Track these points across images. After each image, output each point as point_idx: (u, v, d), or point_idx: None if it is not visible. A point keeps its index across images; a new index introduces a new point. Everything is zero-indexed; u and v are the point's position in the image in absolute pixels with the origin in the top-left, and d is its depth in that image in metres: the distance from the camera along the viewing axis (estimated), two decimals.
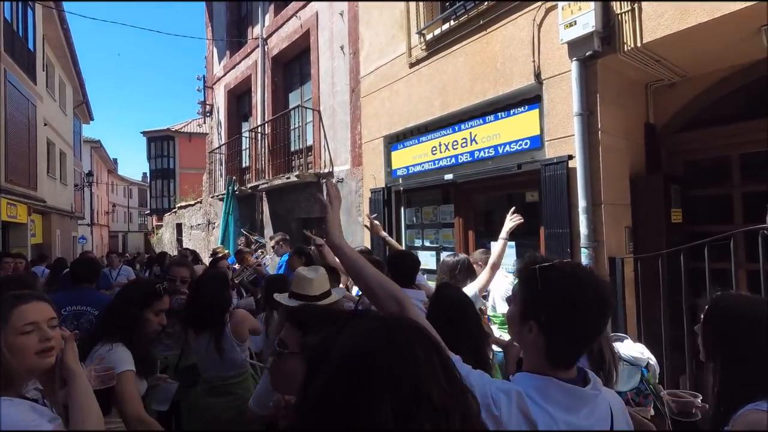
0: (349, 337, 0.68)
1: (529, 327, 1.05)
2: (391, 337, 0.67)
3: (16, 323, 1.26)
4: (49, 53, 14.03)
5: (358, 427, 0.60)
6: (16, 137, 10.46)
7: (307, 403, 0.66)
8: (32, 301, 1.30)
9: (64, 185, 16.31)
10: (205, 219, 12.80)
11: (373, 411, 0.61)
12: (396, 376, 0.63)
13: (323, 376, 0.65)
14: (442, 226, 5.39)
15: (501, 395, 0.97)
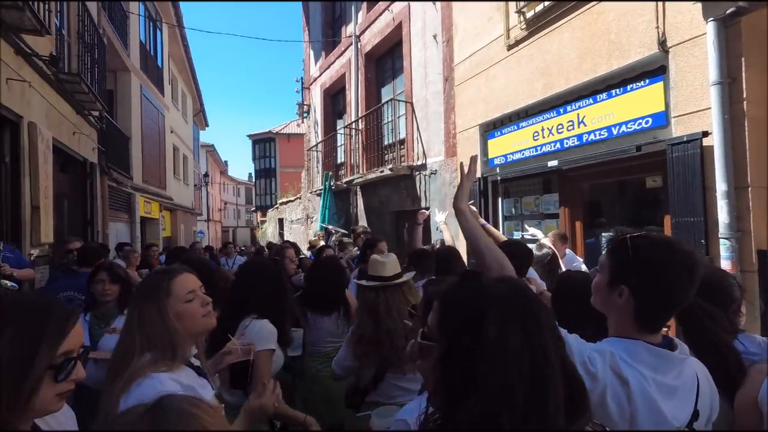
0: (503, 290, 0.76)
1: (620, 291, 1.10)
2: (531, 293, 0.78)
3: (179, 293, 1.35)
4: (173, 68, 15.99)
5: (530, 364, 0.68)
6: (149, 143, 12.11)
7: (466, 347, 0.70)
8: (183, 273, 1.42)
9: (186, 185, 18.52)
10: (303, 214, 13.61)
11: (542, 349, 0.70)
12: (548, 319, 0.74)
13: (496, 327, 0.69)
14: (545, 217, 5.06)
15: (596, 354, 1.02)
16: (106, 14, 8.54)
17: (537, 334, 0.70)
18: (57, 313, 0.88)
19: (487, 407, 0.66)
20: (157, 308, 1.31)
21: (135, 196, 10.85)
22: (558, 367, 0.70)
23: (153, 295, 1.33)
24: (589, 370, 0.99)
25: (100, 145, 7.88)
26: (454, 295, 0.78)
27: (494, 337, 0.68)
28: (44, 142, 5.01)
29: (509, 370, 0.67)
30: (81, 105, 6.61)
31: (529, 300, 0.75)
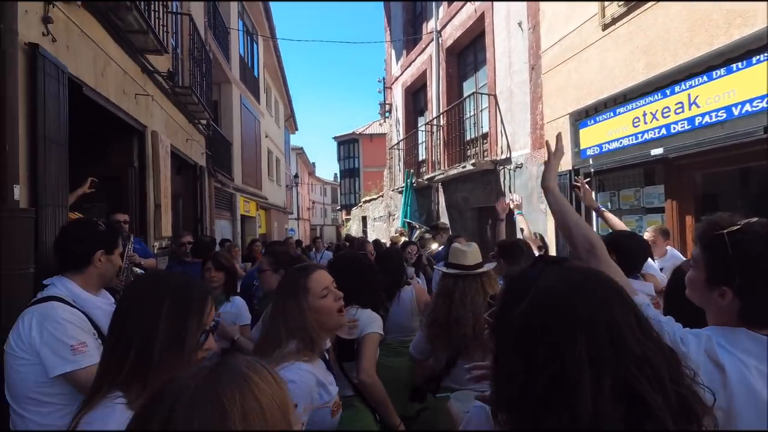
0: (549, 280, 0.72)
1: (721, 292, 1.02)
2: (592, 290, 0.70)
3: (316, 290, 1.44)
4: (267, 77, 17.28)
5: (552, 359, 0.65)
6: (247, 148, 13.24)
7: (504, 328, 0.73)
8: (317, 270, 1.52)
9: (278, 186, 19.91)
10: (386, 211, 13.88)
11: (568, 349, 0.64)
12: (591, 321, 0.66)
13: (525, 308, 0.70)
14: (647, 211, 4.59)
15: (690, 336, 0.97)
16: (211, 32, 9.51)
17: (561, 336, 0.66)
18: (198, 291, 1.03)
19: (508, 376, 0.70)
20: (297, 304, 1.40)
21: (236, 196, 11.93)
22: (587, 378, 0.63)
23: (293, 291, 1.43)
24: (680, 350, 0.95)
25: (208, 150, 8.80)
26: (515, 278, 0.80)
27: (519, 320, 0.70)
28: (164, 148, 5.72)
29: (522, 352, 0.68)
30: (192, 115, 7.44)
31: (569, 302, 0.69)
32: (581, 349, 0.64)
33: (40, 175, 2.83)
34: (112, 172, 5.06)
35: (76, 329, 1.51)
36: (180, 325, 0.95)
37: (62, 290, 1.62)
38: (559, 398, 0.63)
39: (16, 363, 1.49)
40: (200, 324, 0.97)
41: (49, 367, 1.45)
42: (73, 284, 1.65)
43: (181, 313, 0.96)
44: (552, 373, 0.64)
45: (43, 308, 1.54)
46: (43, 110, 2.93)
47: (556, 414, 0.63)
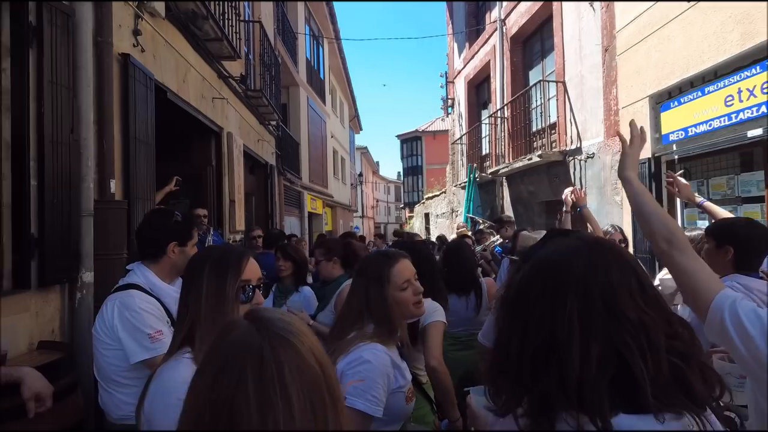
0: (550, 248, 0.75)
1: None
2: (588, 254, 0.71)
3: (396, 281, 1.46)
4: (332, 79, 17.82)
5: (544, 323, 0.66)
6: (314, 147, 13.76)
7: (507, 295, 0.75)
8: (401, 260, 1.53)
9: (344, 184, 20.47)
10: (448, 207, 13.71)
11: (559, 312, 0.65)
12: (586, 286, 0.66)
13: (522, 274, 0.73)
14: (743, 201, 4.09)
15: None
16: (280, 38, 10.00)
17: (552, 297, 0.68)
18: (235, 252, 1.18)
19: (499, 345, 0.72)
20: (381, 290, 1.43)
21: (303, 194, 12.46)
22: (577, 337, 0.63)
23: (378, 278, 1.46)
24: None
25: (277, 150, 9.28)
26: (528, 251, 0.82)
27: (515, 287, 0.73)
28: (238, 148, 6.13)
29: (517, 316, 0.70)
30: (263, 116, 7.89)
31: (564, 266, 0.70)
32: (572, 311, 0.64)
33: (131, 171, 3.17)
34: (193, 171, 5.53)
35: (152, 318, 1.61)
36: (220, 281, 1.08)
37: (140, 278, 1.72)
38: (550, 361, 0.64)
39: (101, 346, 1.63)
40: (237, 277, 1.10)
41: (130, 354, 1.56)
42: (149, 272, 1.74)
43: (219, 270, 1.09)
44: (544, 336, 0.65)
45: (123, 296, 1.64)
46: (134, 113, 3.27)
47: (545, 377, 0.63)
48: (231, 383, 0.55)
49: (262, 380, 0.55)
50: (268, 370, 0.55)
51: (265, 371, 0.55)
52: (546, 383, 0.63)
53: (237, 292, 1.08)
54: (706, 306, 0.98)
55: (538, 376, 0.64)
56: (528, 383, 0.65)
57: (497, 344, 0.73)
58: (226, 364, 0.57)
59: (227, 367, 0.56)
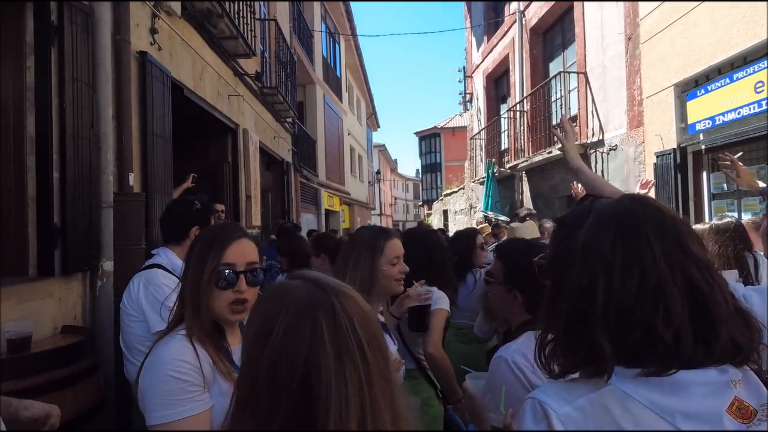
0: (605, 204, 0.70)
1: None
2: (645, 199, 0.70)
3: (389, 255, 1.53)
4: (349, 77, 17.85)
5: (631, 270, 0.62)
6: (331, 145, 13.81)
7: (564, 257, 0.69)
8: (394, 237, 1.60)
9: (361, 182, 20.50)
10: (467, 204, 13.57)
11: (646, 256, 0.62)
12: (661, 228, 0.64)
13: (588, 228, 0.67)
14: None
15: (753, 293, 0.94)
16: (296, 36, 10.06)
17: (633, 240, 0.64)
18: (225, 233, 1.10)
19: (571, 305, 0.65)
20: (371, 261, 1.50)
21: (320, 191, 12.53)
22: (669, 277, 0.60)
23: (372, 247, 1.53)
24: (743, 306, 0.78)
25: (294, 147, 9.35)
26: (565, 215, 0.79)
27: (582, 241, 0.66)
28: (254, 144, 6.19)
29: (592, 269, 0.63)
30: (279, 114, 7.95)
31: (634, 209, 0.68)
32: (658, 253, 0.62)
33: (149, 165, 3.23)
34: (210, 167, 5.61)
35: (173, 293, 1.72)
36: (200, 262, 1.05)
37: (164, 259, 1.89)
38: (647, 301, 0.60)
39: (128, 319, 1.79)
40: (216, 260, 1.04)
41: (152, 324, 1.71)
42: (172, 254, 1.91)
43: (203, 251, 1.06)
44: (634, 282, 0.61)
45: (148, 273, 1.83)
46: (151, 109, 3.33)
47: (641, 321, 0.59)
48: (306, 333, 0.57)
49: (336, 329, 0.57)
50: (341, 319, 0.58)
51: (339, 321, 0.58)
52: (643, 327, 0.59)
53: (211, 276, 1.03)
54: None
55: (632, 321, 0.60)
56: (619, 332, 0.61)
57: (556, 310, 0.68)
58: (298, 315, 0.58)
59: (300, 318, 0.58)
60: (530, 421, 0.62)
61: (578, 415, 0.59)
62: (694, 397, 0.56)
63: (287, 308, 0.59)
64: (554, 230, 0.79)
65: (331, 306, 0.58)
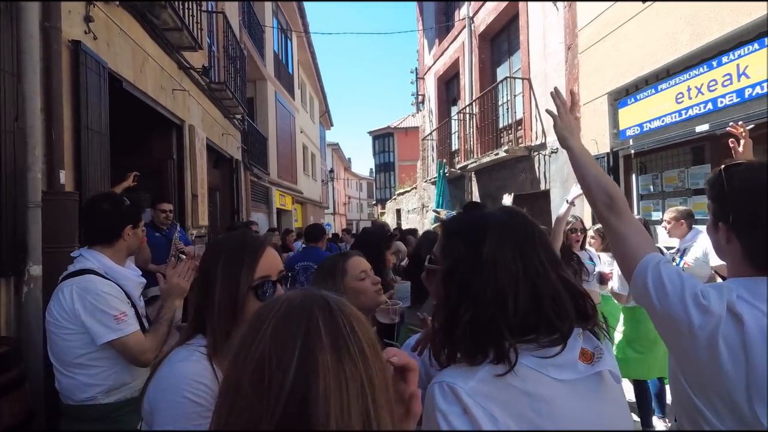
0: (498, 215, 0.85)
1: (722, 233, 0.99)
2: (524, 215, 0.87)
3: (353, 272, 1.51)
4: (301, 74, 17.58)
5: (528, 269, 0.78)
6: (283, 143, 13.54)
7: (470, 265, 0.80)
8: (355, 256, 1.59)
9: (314, 181, 20.26)
10: (419, 203, 13.81)
11: (538, 263, 0.79)
12: (542, 237, 0.83)
13: (493, 244, 0.79)
14: (694, 193, 4.31)
15: (710, 289, 0.92)
16: (246, 30, 9.77)
17: (530, 252, 0.78)
18: (250, 245, 1.06)
19: (479, 311, 0.74)
20: (333, 284, 1.45)
21: (272, 190, 12.25)
22: (555, 279, 0.77)
23: (330, 273, 1.50)
24: (700, 302, 0.89)
25: (243, 144, 9.08)
26: (455, 223, 0.88)
27: (489, 254, 0.77)
28: (200, 141, 5.96)
29: (501, 280, 0.75)
30: (227, 110, 7.69)
31: (525, 223, 0.83)
32: (544, 259, 0.79)
33: (83, 161, 3.03)
34: (153, 164, 5.34)
35: (115, 300, 1.63)
36: (233, 279, 1.00)
37: (94, 263, 1.70)
38: (546, 304, 0.75)
39: (60, 332, 1.60)
40: (251, 275, 1.01)
41: (97, 336, 1.57)
42: (103, 257, 1.73)
43: (232, 267, 1.01)
44: (538, 285, 0.76)
45: (80, 281, 1.62)
46: (85, 102, 3.12)
47: (544, 320, 0.75)
48: (300, 325, 0.51)
49: (333, 324, 0.52)
50: (338, 315, 0.54)
51: (336, 316, 0.53)
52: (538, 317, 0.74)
53: (250, 289, 1.00)
54: (634, 266, 0.99)
55: (534, 324, 0.74)
56: (522, 334, 0.73)
57: (480, 311, 0.75)
58: (291, 310, 0.54)
59: (294, 311, 0.53)
60: (441, 401, 0.70)
61: (480, 385, 0.70)
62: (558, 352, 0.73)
63: (279, 306, 0.55)
64: (444, 236, 0.87)
65: (327, 303, 0.55)
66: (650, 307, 0.96)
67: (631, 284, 1.01)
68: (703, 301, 0.89)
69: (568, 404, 0.70)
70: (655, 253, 1.01)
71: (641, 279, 0.97)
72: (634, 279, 1.00)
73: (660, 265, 0.96)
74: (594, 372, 0.75)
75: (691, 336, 0.89)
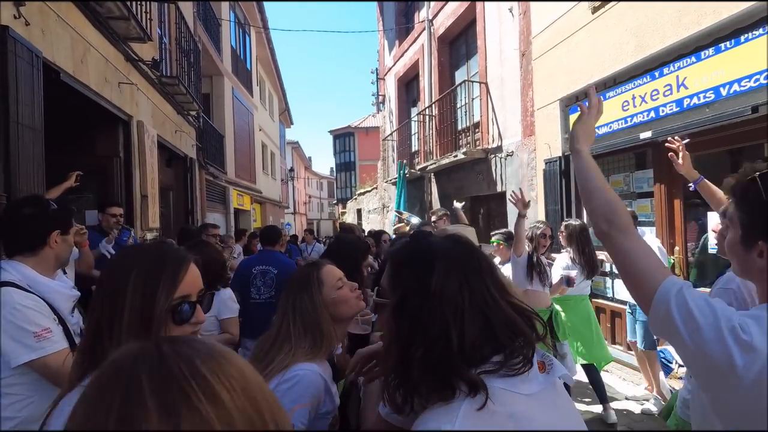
0: (446, 246, 0.84)
1: (759, 250, 0.88)
2: (465, 242, 0.87)
3: (330, 281, 1.41)
4: (260, 70, 17.13)
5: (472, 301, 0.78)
6: (241, 141, 13.14)
7: (418, 296, 0.79)
8: (326, 264, 1.47)
9: (274, 180, 19.81)
10: (380, 203, 13.82)
11: (486, 292, 0.79)
12: (489, 265, 0.85)
13: (440, 276, 0.78)
14: (638, 196, 4.56)
15: (749, 320, 0.80)
16: (201, 23, 9.38)
17: (476, 280, 0.78)
18: (171, 258, 0.90)
19: (429, 346, 0.74)
20: (310, 297, 1.35)
21: (229, 189, 11.85)
22: (504, 305, 0.78)
23: (305, 285, 1.38)
24: (740, 338, 0.77)
25: (198, 142, 8.71)
26: (403, 254, 0.85)
27: (436, 285, 0.76)
28: (150, 138, 5.65)
29: (446, 312, 0.74)
30: (181, 106, 7.34)
31: (469, 251, 0.83)
32: (491, 288, 0.80)
33: (12, 160, 2.76)
34: (97, 163, 5.00)
35: (36, 315, 1.44)
36: (147, 298, 0.84)
37: (14, 275, 1.51)
38: (498, 332, 0.77)
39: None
40: (171, 293, 0.86)
41: (11, 357, 1.38)
42: (25, 267, 1.55)
43: (148, 283, 0.85)
44: (486, 315, 0.77)
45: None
46: (15, 94, 2.86)
47: (496, 348, 0.76)
48: (116, 400, 0.41)
49: (163, 377, 0.42)
50: (172, 364, 0.43)
51: (169, 366, 0.43)
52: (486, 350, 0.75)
53: (167, 313, 0.85)
54: (651, 293, 0.88)
55: (485, 352, 0.75)
56: (475, 363, 0.74)
57: (428, 347, 0.75)
58: (113, 374, 0.44)
59: (115, 376, 0.43)
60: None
61: (468, 421, 0.69)
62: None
63: (102, 371, 0.45)
64: (391, 267, 0.85)
65: (158, 352, 0.45)
66: (678, 343, 0.84)
67: (650, 314, 0.89)
68: (744, 337, 0.77)
69: (541, 416, 0.72)
70: (673, 277, 0.90)
71: (663, 309, 0.86)
72: (654, 309, 0.88)
73: (684, 292, 0.85)
74: (551, 381, 0.78)
75: (733, 377, 0.77)
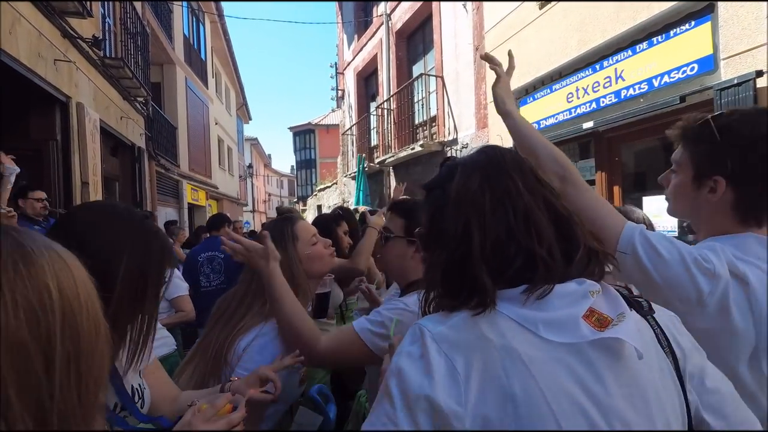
0: (465, 158, 0.75)
1: (712, 185, 0.93)
2: (499, 149, 0.75)
3: (305, 237, 1.38)
4: (216, 63, 16.59)
5: (503, 205, 0.66)
6: (195, 134, 12.67)
7: (441, 203, 0.72)
8: (299, 219, 1.44)
9: (231, 176, 19.25)
10: (340, 198, 13.76)
11: (512, 190, 0.67)
12: (520, 166, 0.71)
13: (458, 180, 0.70)
14: None
15: (707, 251, 0.85)
16: (150, 8, 8.97)
17: (498, 178, 0.68)
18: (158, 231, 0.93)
19: (450, 251, 0.67)
20: (284, 252, 1.30)
21: (182, 183, 11.40)
22: (533, 205, 0.67)
23: (280, 240, 1.31)
24: (704, 267, 0.82)
25: (148, 131, 8.32)
26: (431, 180, 0.79)
27: (455, 189, 0.69)
28: (91, 122, 5.34)
29: (469, 214, 0.67)
30: (127, 91, 6.99)
31: (494, 152, 0.73)
32: (519, 183, 0.67)
33: None
34: (31, 146, 4.67)
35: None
36: (144, 269, 0.85)
37: None
38: (521, 229, 0.65)
39: None
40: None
41: None
42: None
43: (143, 255, 0.85)
44: (509, 210, 0.66)
45: None
46: None
47: (520, 249, 0.64)
48: None
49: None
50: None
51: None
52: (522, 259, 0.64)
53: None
54: (615, 240, 0.89)
55: (510, 256, 0.64)
56: (497, 268, 0.64)
57: (450, 252, 0.68)
58: None
59: None
60: (408, 342, 0.64)
61: (450, 331, 0.61)
62: (555, 307, 0.60)
63: None
64: (425, 196, 0.78)
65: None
66: (648, 282, 0.87)
67: (617, 257, 0.87)
68: (706, 266, 0.83)
69: (554, 372, 0.56)
70: (630, 222, 0.93)
71: (630, 252, 0.88)
72: (620, 250, 0.89)
73: (645, 233, 0.89)
74: (603, 338, 0.58)
75: (700, 304, 0.83)
